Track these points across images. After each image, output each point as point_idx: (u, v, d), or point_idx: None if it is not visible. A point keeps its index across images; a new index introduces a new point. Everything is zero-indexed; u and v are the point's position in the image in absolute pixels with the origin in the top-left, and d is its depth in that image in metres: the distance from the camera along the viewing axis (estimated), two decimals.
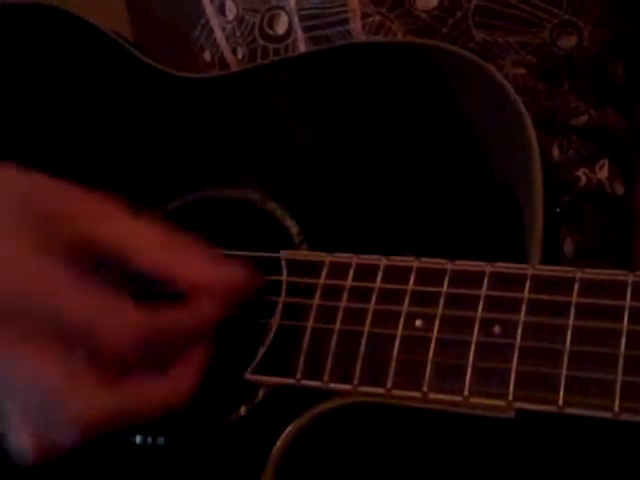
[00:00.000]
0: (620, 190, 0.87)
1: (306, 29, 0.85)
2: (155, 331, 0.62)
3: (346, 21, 0.84)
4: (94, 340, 0.60)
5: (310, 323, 0.68)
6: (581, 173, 0.85)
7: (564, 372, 0.61)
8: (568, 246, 0.82)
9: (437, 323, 0.65)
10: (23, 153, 0.84)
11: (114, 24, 0.89)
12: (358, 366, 0.66)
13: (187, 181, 0.79)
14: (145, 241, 0.64)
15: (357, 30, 0.83)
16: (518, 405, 0.62)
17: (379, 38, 0.83)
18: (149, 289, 0.68)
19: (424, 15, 0.82)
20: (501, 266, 0.65)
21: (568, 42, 0.84)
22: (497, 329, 0.63)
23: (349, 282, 0.68)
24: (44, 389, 0.60)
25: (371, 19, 0.83)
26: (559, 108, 0.85)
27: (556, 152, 0.84)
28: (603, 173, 0.86)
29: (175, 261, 0.65)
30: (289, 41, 0.86)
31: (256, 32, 0.87)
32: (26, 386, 0.60)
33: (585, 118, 0.86)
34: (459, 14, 0.82)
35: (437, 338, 0.65)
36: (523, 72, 0.83)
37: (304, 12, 0.85)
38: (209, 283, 0.66)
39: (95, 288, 0.62)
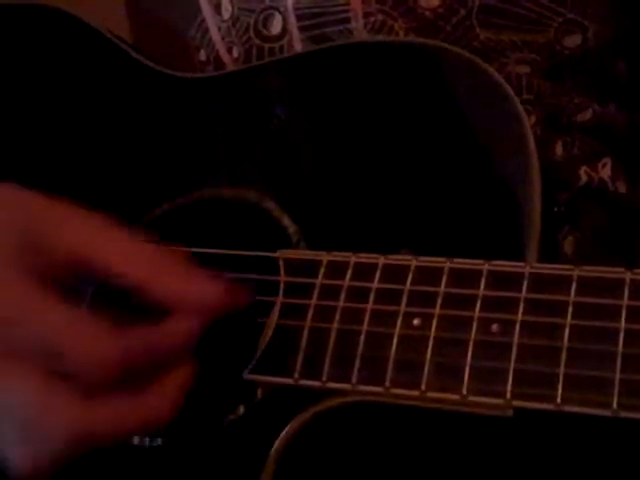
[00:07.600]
0: (623, 188, 0.87)
1: (303, 29, 0.85)
2: (128, 354, 0.62)
3: (347, 20, 0.84)
4: (65, 362, 0.61)
5: (308, 323, 0.68)
6: (582, 172, 0.84)
7: (562, 370, 0.61)
8: (569, 245, 0.82)
9: (435, 322, 0.65)
10: (20, 153, 0.85)
11: (112, 23, 0.89)
12: (356, 365, 0.66)
13: (184, 181, 0.79)
14: (130, 260, 0.65)
15: (359, 29, 0.83)
16: (516, 403, 0.62)
17: (378, 37, 0.82)
18: (131, 304, 0.68)
19: (428, 13, 0.82)
20: (499, 264, 0.65)
21: (573, 41, 0.84)
22: (495, 328, 0.63)
23: (347, 282, 0.68)
24: (21, 405, 0.61)
25: (373, 18, 0.83)
26: (564, 105, 0.85)
27: (559, 150, 0.84)
28: (606, 171, 0.86)
29: (156, 278, 0.65)
30: (284, 41, 0.86)
31: (251, 32, 0.87)
32: (9, 402, 0.61)
33: (590, 114, 0.85)
34: (463, 12, 0.82)
35: (435, 337, 0.64)
36: (527, 70, 0.83)
37: (302, 11, 0.85)
38: (187, 303, 0.65)
39: (69, 312, 0.62)
